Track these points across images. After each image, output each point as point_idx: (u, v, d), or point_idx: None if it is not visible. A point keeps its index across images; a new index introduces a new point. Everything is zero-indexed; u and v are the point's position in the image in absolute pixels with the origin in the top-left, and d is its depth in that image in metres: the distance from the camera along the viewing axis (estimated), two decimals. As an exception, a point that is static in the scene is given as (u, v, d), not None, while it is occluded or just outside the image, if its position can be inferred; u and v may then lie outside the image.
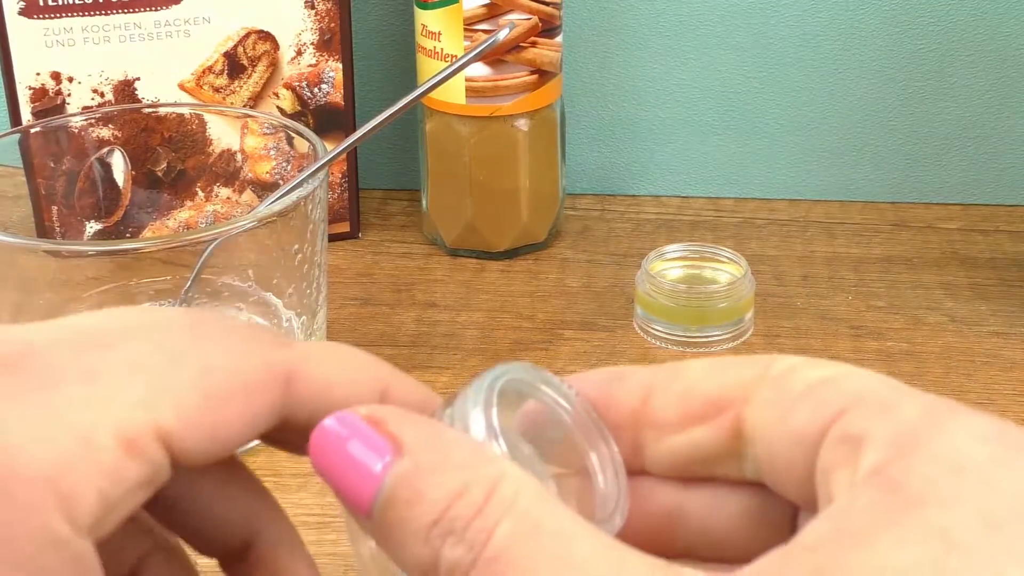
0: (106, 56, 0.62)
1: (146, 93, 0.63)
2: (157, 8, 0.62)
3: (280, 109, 0.66)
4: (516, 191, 0.66)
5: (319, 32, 0.64)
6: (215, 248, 0.49)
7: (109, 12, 0.61)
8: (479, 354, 0.57)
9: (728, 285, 0.58)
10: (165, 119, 0.60)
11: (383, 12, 0.73)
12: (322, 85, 0.66)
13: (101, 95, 0.63)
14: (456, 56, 0.62)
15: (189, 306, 0.50)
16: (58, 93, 0.62)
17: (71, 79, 0.62)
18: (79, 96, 0.62)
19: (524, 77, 0.63)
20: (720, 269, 0.60)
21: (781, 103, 0.72)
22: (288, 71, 0.65)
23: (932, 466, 0.21)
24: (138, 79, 0.63)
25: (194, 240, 0.47)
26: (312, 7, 0.64)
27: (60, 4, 0.60)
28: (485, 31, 0.62)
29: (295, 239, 0.49)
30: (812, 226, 0.70)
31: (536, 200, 0.67)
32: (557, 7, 0.64)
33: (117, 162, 0.59)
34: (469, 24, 0.62)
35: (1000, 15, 0.69)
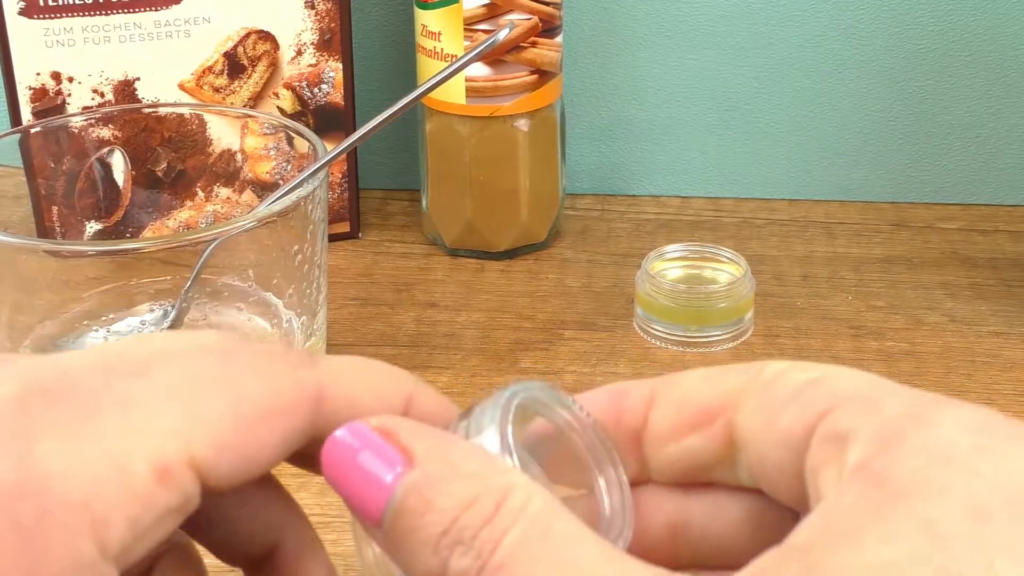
0: (106, 56, 0.62)
1: (146, 93, 0.63)
2: (157, 8, 0.62)
3: (280, 109, 0.66)
4: (516, 191, 0.66)
5: (319, 32, 0.64)
6: (215, 248, 0.49)
7: (109, 12, 0.61)
8: (479, 354, 0.57)
9: (728, 285, 0.58)
10: (165, 119, 0.60)
11: (383, 12, 0.73)
12: (322, 85, 0.66)
13: (101, 95, 0.63)
14: (456, 56, 0.62)
15: (189, 306, 0.50)
16: (58, 93, 0.62)
17: (71, 79, 0.62)
18: (79, 96, 0.62)
19: (524, 77, 0.63)
20: (720, 269, 0.60)
21: (781, 103, 0.72)
22: (288, 71, 0.65)
23: (917, 458, 0.21)
24: (138, 79, 0.63)
25: (194, 240, 0.47)
26: (312, 7, 0.64)
27: (60, 4, 0.60)
28: (485, 31, 0.62)
29: (295, 239, 0.49)
30: (812, 226, 0.70)
31: (536, 200, 0.67)
32: (557, 7, 0.64)
33: (117, 162, 0.59)
34: (469, 24, 0.62)
35: (1000, 15, 0.69)
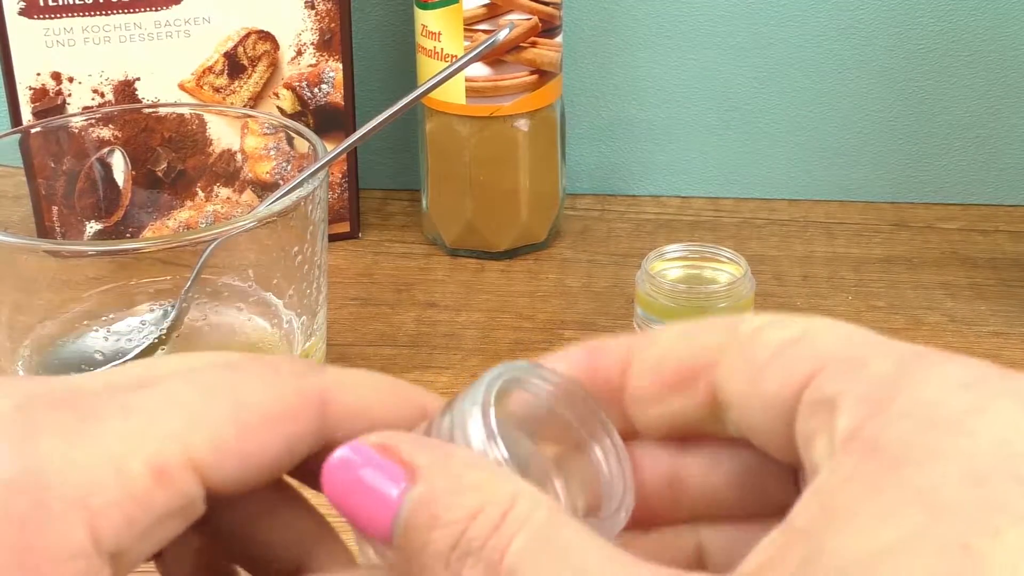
0: (106, 56, 0.62)
1: (146, 93, 0.63)
2: (157, 8, 0.62)
3: (280, 109, 0.66)
4: (516, 191, 0.66)
5: (319, 32, 0.64)
6: (215, 248, 0.49)
7: (109, 12, 0.61)
8: (479, 354, 0.57)
9: (728, 285, 0.58)
10: (165, 119, 0.60)
11: (383, 12, 0.73)
12: (322, 85, 0.66)
13: (101, 95, 0.63)
14: (456, 56, 0.62)
15: (189, 306, 0.50)
16: (58, 93, 0.62)
17: (71, 79, 0.62)
18: (79, 96, 0.62)
19: (524, 77, 0.63)
20: (720, 269, 0.60)
21: (781, 103, 0.72)
22: (288, 71, 0.65)
23: (907, 421, 0.21)
24: (138, 79, 0.63)
25: (194, 240, 0.47)
26: (312, 7, 0.64)
27: (60, 4, 0.60)
28: (485, 31, 0.62)
29: (295, 239, 0.49)
30: (812, 226, 0.70)
31: (536, 200, 0.67)
32: (557, 7, 0.64)
33: (117, 162, 0.59)
34: (469, 24, 0.62)
35: (1000, 15, 0.69)
